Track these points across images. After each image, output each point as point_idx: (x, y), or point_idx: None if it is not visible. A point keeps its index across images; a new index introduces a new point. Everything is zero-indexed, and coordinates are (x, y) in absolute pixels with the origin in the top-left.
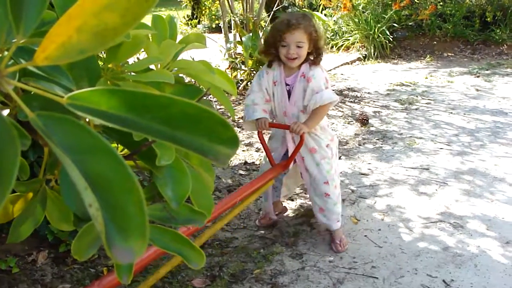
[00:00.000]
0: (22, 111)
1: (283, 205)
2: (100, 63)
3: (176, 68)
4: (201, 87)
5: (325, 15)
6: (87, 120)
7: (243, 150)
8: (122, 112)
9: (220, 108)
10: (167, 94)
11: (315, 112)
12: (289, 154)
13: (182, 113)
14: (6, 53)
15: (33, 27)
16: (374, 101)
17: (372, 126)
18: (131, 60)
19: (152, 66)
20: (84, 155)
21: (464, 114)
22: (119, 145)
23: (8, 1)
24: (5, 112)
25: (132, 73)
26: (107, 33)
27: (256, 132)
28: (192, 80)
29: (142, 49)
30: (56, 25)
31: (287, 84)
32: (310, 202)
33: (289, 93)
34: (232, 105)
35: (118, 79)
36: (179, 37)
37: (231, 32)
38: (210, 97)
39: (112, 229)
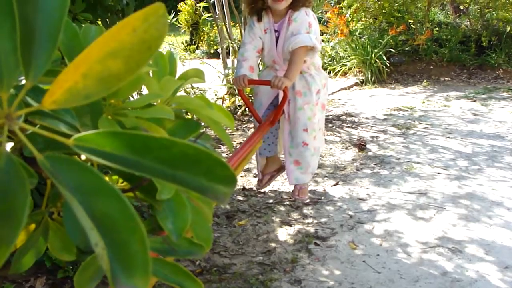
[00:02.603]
0: (27, 148)
1: (282, 162)
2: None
3: (175, 103)
4: (200, 121)
5: (322, 40)
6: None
7: (241, 176)
8: (125, 153)
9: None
10: (167, 136)
11: (290, 60)
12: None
13: (182, 154)
14: (12, 90)
15: (41, 73)
16: (371, 126)
17: (370, 151)
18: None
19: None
20: (90, 196)
21: (461, 138)
22: (119, 178)
23: (19, 50)
24: (9, 145)
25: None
26: (111, 79)
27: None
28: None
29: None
30: (64, 71)
31: (276, 31)
32: (308, 228)
33: (278, 40)
34: (230, 131)
35: (120, 115)
36: (178, 62)
37: (229, 58)
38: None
39: (117, 267)
